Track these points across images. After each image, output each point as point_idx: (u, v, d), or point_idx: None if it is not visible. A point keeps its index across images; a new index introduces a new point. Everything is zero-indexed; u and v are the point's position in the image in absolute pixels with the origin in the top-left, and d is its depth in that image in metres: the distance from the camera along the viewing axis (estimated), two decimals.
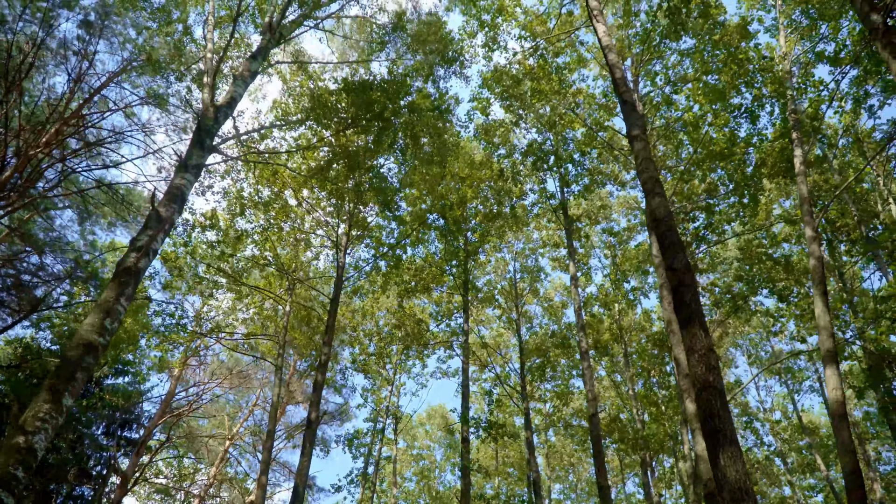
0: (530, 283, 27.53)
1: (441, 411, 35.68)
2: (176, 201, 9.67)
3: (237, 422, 28.90)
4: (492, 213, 20.89)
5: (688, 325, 7.32)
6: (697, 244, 19.10)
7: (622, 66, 11.70)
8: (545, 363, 25.22)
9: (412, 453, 34.67)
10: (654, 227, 8.65)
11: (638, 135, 10.06)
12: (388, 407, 27.32)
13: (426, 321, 24.20)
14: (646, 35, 17.75)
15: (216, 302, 21.73)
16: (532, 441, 20.58)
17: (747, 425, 28.70)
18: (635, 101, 11.34)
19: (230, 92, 11.89)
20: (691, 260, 19.52)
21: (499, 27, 18.81)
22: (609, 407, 28.72)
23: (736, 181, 16.98)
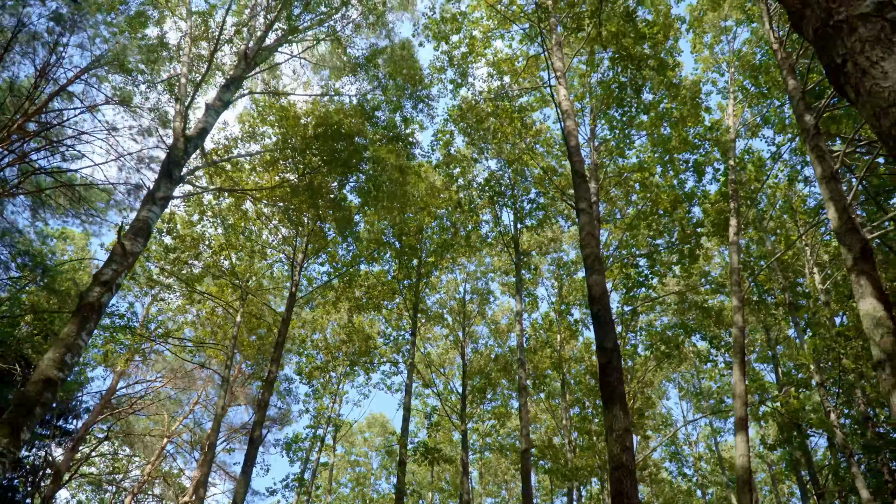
0: (479, 305, 28.27)
1: (381, 420, 36.22)
2: (141, 235, 10.01)
3: (176, 419, 28.90)
4: (447, 242, 21.51)
5: (609, 404, 8.07)
6: (638, 287, 20.07)
7: (577, 133, 12.45)
8: (486, 385, 26.00)
9: (350, 459, 35.12)
10: (590, 304, 9.40)
11: (584, 208, 10.80)
12: (329, 416, 27.72)
13: (374, 337, 24.71)
14: (606, 86, 18.63)
15: (165, 304, 21.81)
16: (467, 462, 21.29)
17: (673, 456, 30.01)
18: (586, 172, 12.10)
19: (202, 122, 12.22)
20: (632, 303, 20.52)
21: (468, 65, 19.46)
22: (544, 429, 29.70)
23: (679, 235, 17.99)
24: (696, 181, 19.00)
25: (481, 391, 25.70)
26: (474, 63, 19.41)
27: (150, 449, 27.56)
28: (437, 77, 19.52)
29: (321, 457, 29.61)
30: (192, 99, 12.29)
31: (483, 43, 18.84)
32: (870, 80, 2.64)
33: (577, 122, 17.68)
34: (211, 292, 21.12)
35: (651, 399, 27.42)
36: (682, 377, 30.53)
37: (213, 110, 12.50)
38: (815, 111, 11.44)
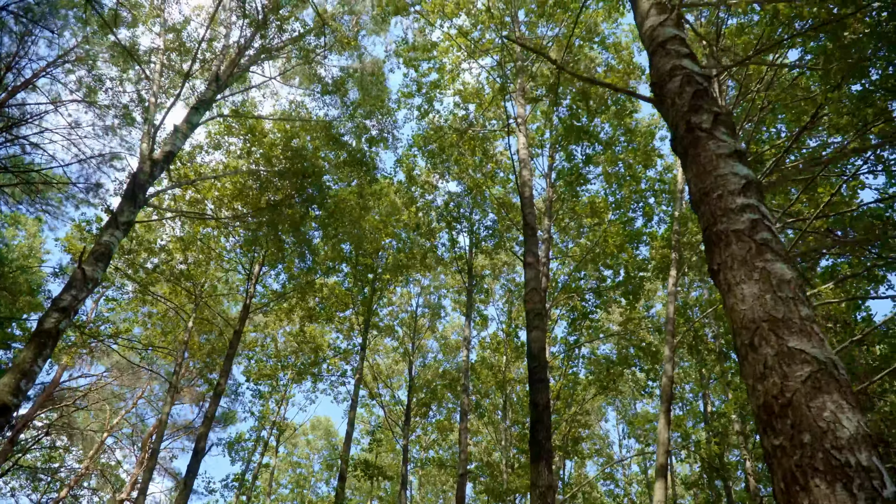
0: (431, 319, 28.85)
1: (326, 423, 36.54)
2: (102, 260, 10.27)
3: (118, 413, 28.77)
4: (401, 263, 21.99)
5: (536, 460, 8.70)
6: (582, 319, 20.88)
7: (532, 184, 13.07)
8: (431, 399, 26.60)
9: (291, 460, 35.36)
10: (528, 360, 10.03)
11: (531, 262, 11.42)
12: (274, 420, 27.97)
13: (325, 347, 25.06)
14: (566, 121, 19.36)
15: (116, 303, 21.80)
16: (406, 476, 21.84)
17: (607, 475, 31.08)
18: (536, 226, 12.73)
19: (169, 145, 12.47)
20: (577, 330, 21.34)
21: (436, 93, 19.97)
22: (485, 443, 30.43)
23: (624, 276, 18.83)
24: (644, 222, 19.93)
25: (426, 405, 26.28)
26: (442, 92, 19.96)
27: (90, 442, 27.40)
28: (406, 102, 20.04)
29: (263, 458, 29.80)
30: (161, 123, 12.54)
31: (452, 74, 19.39)
32: (732, 297, 3.26)
33: (532, 170, 18.41)
34: (164, 293, 21.19)
35: (588, 421, 28.39)
36: (620, 401, 31.62)
37: (180, 133, 12.76)
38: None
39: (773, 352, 2.89)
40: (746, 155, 4.17)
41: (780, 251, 3.34)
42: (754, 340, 3.00)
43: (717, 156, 3.96)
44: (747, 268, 3.27)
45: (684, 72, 4.79)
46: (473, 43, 18.44)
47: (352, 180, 17.85)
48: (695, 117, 4.33)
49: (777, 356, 2.86)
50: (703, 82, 4.73)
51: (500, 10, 17.92)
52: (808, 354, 2.81)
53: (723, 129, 4.23)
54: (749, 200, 3.63)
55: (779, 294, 3.08)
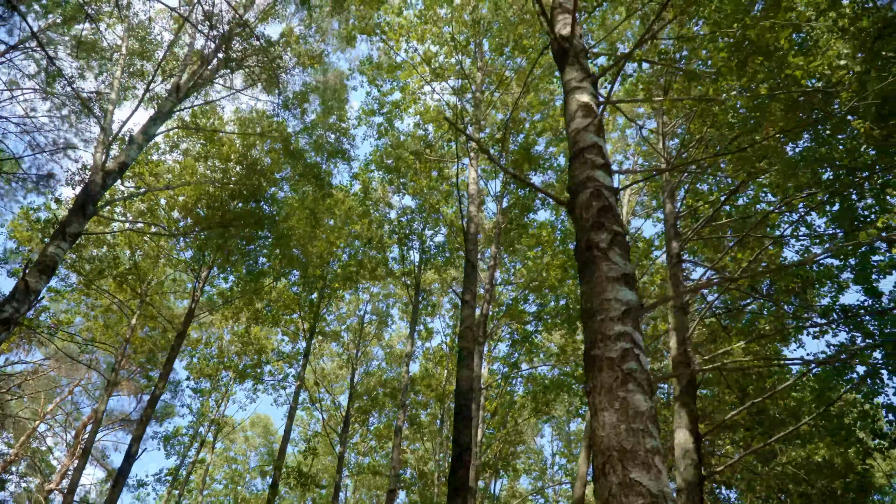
0: (377, 327, 29.22)
1: (265, 421, 36.61)
2: (46, 272, 10.41)
3: (53, 400, 28.41)
4: (352, 273, 22.31)
5: (454, 495, 9.22)
6: (524, 342, 21.53)
7: (477, 221, 13.59)
8: (372, 406, 27.02)
9: (227, 456, 35.32)
10: (455, 397, 10.54)
11: (468, 300, 11.94)
12: (213, 417, 28.00)
13: (269, 350, 25.22)
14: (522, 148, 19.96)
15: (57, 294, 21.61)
16: (339, 484, 22.19)
17: (539, 490, 31.91)
18: (478, 262, 13.23)
19: (123, 156, 12.60)
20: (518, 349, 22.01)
21: (398, 112, 20.36)
22: (422, 450, 30.93)
23: (564, 305, 19.54)
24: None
25: (366, 412, 26.68)
26: (404, 112, 20.36)
27: (22, 429, 27.02)
28: (367, 119, 20.37)
29: (200, 453, 29.77)
30: (118, 134, 12.67)
31: (414, 96, 19.80)
32: (596, 422, 3.79)
33: (482, 201, 18.94)
34: (109, 287, 21.10)
35: (523, 438, 29.15)
36: (556, 419, 32.51)
37: (136, 144, 12.89)
38: (681, 238, 13.04)
39: (617, 481, 3.42)
40: (634, 277, 4.72)
41: (642, 381, 3.88)
42: (605, 467, 3.52)
43: (607, 278, 4.49)
44: (611, 396, 3.79)
45: (595, 185, 5.32)
46: (437, 67, 18.88)
47: (306, 196, 18.12)
48: (595, 235, 4.87)
49: (620, 485, 3.39)
50: (609, 197, 5.27)
51: (464, 38, 18.39)
52: (644, 487, 3.34)
53: (618, 249, 4.77)
54: (625, 328, 4.16)
55: (632, 425, 3.61)
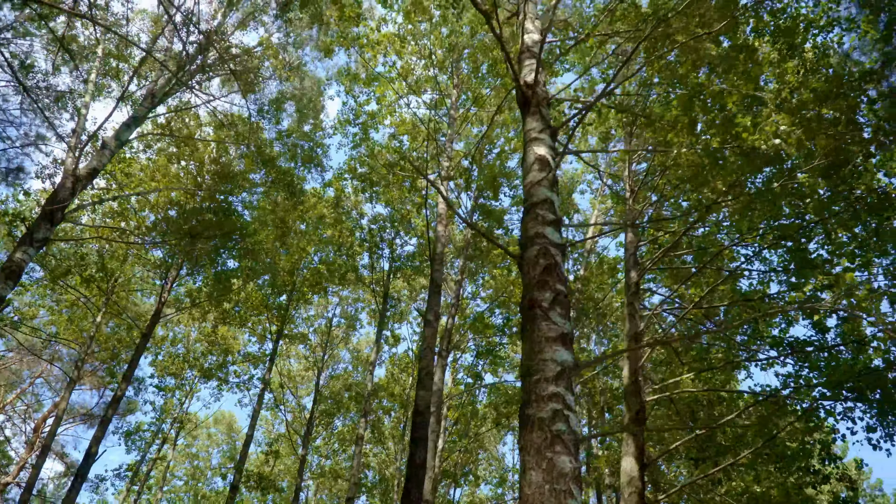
0: (346, 330, 29.40)
1: (229, 419, 36.55)
2: (13, 278, 10.48)
3: (13, 390, 28.13)
4: (322, 276, 22.48)
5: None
6: (488, 355, 21.91)
7: (445, 241, 13.87)
8: (337, 409, 27.21)
9: (189, 452, 35.21)
10: (413, 415, 10.83)
11: (431, 320, 12.21)
12: (177, 415, 27.95)
13: (236, 349, 25.27)
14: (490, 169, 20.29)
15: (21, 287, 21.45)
16: (299, 487, 22.35)
17: (498, 498, 32.33)
18: (442, 283, 13.52)
19: (95, 161, 12.67)
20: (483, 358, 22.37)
21: (374, 122, 20.57)
22: (384, 455, 31.16)
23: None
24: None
25: (330, 415, 26.85)
26: (380, 123, 20.56)
27: None
28: (342, 128, 20.54)
29: (162, 450, 29.70)
30: (89, 140, 12.72)
31: (390, 109, 20.02)
32: (523, 480, 4.10)
33: (451, 217, 19.21)
34: (76, 283, 20.99)
35: (485, 445, 29.56)
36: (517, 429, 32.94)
37: (108, 150, 12.96)
38: (640, 268, 13.46)
39: None
40: (572, 337, 5.04)
41: (569, 442, 4.19)
42: None
43: (546, 338, 4.80)
44: (539, 456, 4.10)
45: (543, 242, 5.63)
46: (413, 82, 19.12)
47: (276, 205, 18.26)
48: (539, 293, 5.18)
49: None
50: (556, 255, 5.58)
51: (442, 53, 18.65)
52: None
53: (559, 308, 5.09)
54: (558, 389, 4.48)
55: (556, 486, 3.93)
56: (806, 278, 11.92)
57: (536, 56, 8.60)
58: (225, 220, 15.27)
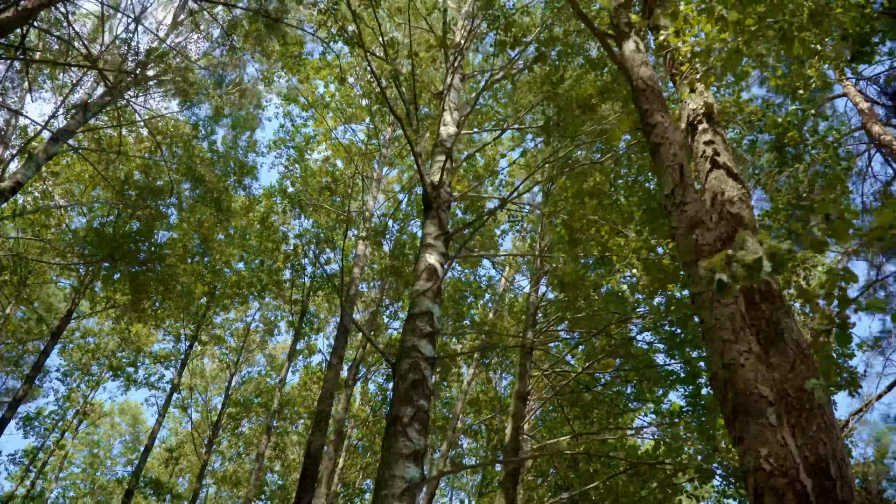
0: (263, 335, 29.62)
1: (135, 410, 36.11)
2: None
3: None
4: (243, 285, 22.74)
5: None
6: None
7: (359, 283, 14.55)
8: (245, 414, 27.44)
9: (90, 440, 34.63)
10: (305, 458, 11.47)
11: (334, 364, 12.90)
12: (81, 406, 27.60)
13: (149, 347, 25.22)
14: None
15: None
16: (198, 491, 22.55)
17: None
18: (350, 326, 14.19)
19: (20, 174, 12.77)
20: None
21: (310, 145, 21.02)
22: (288, 461, 31.50)
23: None
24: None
25: (236, 419, 27.06)
26: (315, 147, 21.03)
27: None
28: (277, 146, 20.92)
29: (63, 437, 29.24)
30: (16, 156, 12.84)
31: (326, 135, 20.51)
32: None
33: (369, 257, 19.83)
34: None
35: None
36: None
37: (32, 163, 13.09)
38: (536, 330, 14.47)
39: None
40: (425, 452, 5.85)
41: None
42: None
43: (401, 455, 5.59)
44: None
45: (416, 356, 6.42)
46: (349, 113, 19.70)
47: (201, 223, 18.54)
48: (402, 409, 5.96)
49: None
50: (426, 369, 6.38)
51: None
52: None
53: (417, 425, 5.88)
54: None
55: None
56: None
57: (447, 152, 9.35)
58: (143, 245, 15.52)
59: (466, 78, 12.01)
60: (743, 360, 2.61)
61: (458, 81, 11.00)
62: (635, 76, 3.87)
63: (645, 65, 3.99)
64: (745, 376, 2.58)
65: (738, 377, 2.58)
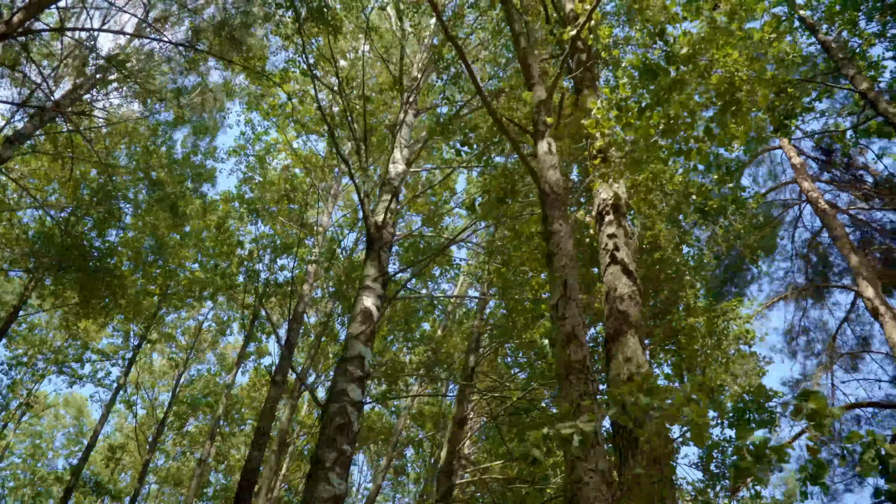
0: (215, 334, 29.55)
1: (80, 402, 35.64)
2: None
3: None
4: (195, 287, 22.74)
5: None
6: None
7: (308, 300, 14.81)
8: (193, 412, 27.40)
9: (32, 430, 34.09)
10: (243, 473, 11.73)
11: (278, 381, 13.15)
12: (23, 399, 27.21)
13: (97, 342, 25.01)
14: None
15: None
16: (139, 492, 22.51)
17: None
18: (295, 345, 14.45)
19: None
20: None
21: (271, 152, 21.17)
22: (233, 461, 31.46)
23: None
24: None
25: (182, 418, 27.01)
26: (276, 155, 21.20)
27: None
28: (237, 153, 21.02)
29: (4, 427, 28.78)
30: None
31: (285, 145, 20.69)
32: None
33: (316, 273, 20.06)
34: None
35: None
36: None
37: None
38: (478, 354, 14.92)
39: None
40: (344, 496, 6.21)
41: None
42: None
43: (321, 499, 5.95)
44: None
45: (344, 400, 6.78)
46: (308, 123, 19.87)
47: (156, 226, 18.56)
48: (325, 452, 6.31)
49: None
50: (352, 413, 6.74)
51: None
52: None
53: (338, 469, 6.24)
54: None
55: None
56: None
57: (395, 192, 9.68)
58: (91, 253, 15.53)
59: (420, 112, 12.35)
60: (588, 478, 3.01)
61: (412, 117, 11.35)
62: (543, 180, 4.26)
63: (553, 168, 4.38)
64: (588, 495, 3.00)
65: (582, 496, 2.99)
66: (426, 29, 13.50)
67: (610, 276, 4.62)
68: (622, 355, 3.98)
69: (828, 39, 11.27)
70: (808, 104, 10.95)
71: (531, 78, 5.16)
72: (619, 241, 4.74)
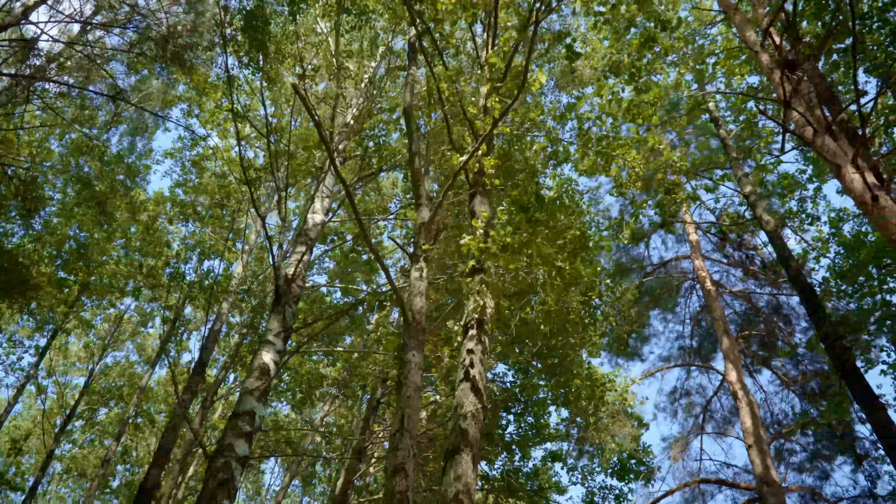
0: (136, 326, 29.29)
1: None
2: None
3: None
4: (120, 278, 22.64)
5: None
6: None
7: (225, 319, 15.14)
8: (107, 399, 27.14)
9: None
10: (139, 492, 12.04)
11: (185, 399, 13.49)
12: None
13: (9, 325, 24.55)
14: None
15: None
16: (37, 486, 22.22)
17: None
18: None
19: None
20: None
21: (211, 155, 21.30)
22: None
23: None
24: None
25: (94, 408, 26.73)
26: (212, 159, 21.32)
27: None
28: (175, 154, 21.09)
29: None
30: None
31: (226, 149, 20.85)
32: None
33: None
34: None
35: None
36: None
37: None
38: (386, 388, 15.51)
39: None
40: None
41: None
42: None
43: None
44: None
45: (229, 456, 7.28)
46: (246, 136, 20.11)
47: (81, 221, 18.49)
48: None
49: None
50: (236, 469, 7.25)
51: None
52: None
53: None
54: None
55: None
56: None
57: (309, 244, 10.17)
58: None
59: (347, 160, 12.87)
60: None
61: (338, 165, 11.87)
62: (407, 307, 4.85)
63: (420, 295, 4.97)
64: None
65: None
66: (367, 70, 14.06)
67: (460, 392, 5.25)
68: (454, 473, 4.59)
69: (726, 136, 12.26)
70: (695, 194, 12.04)
71: (419, 198, 5.72)
72: (475, 357, 5.38)
